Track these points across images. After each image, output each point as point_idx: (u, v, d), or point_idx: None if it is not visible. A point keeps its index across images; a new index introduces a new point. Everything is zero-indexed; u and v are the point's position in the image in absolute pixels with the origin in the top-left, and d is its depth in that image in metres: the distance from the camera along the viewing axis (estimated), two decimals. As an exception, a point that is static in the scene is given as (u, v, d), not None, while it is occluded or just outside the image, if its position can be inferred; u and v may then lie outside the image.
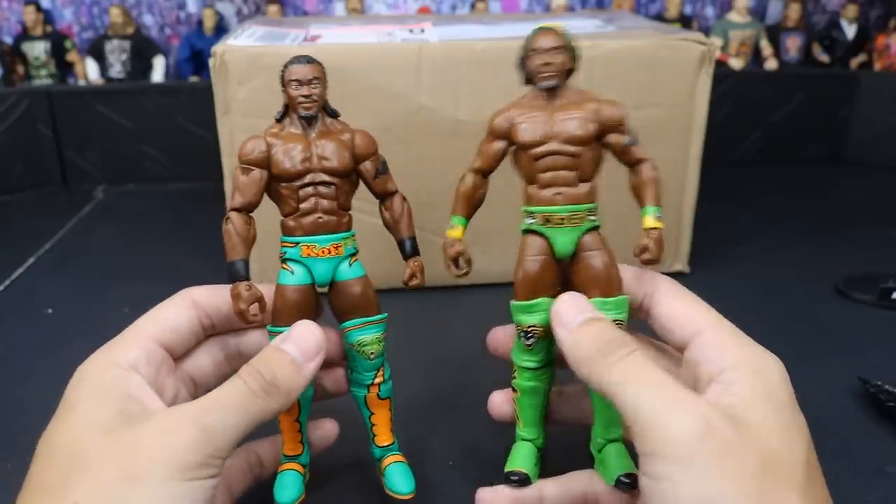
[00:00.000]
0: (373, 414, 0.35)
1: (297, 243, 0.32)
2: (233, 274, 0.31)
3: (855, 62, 1.07)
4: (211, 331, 0.34)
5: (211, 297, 0.33)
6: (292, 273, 0.32)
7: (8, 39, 1.04)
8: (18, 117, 0.85)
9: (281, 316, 0.32)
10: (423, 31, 0.60)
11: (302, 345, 0.30)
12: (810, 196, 0.84)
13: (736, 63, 1.05)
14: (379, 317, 0.33)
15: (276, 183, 0.32)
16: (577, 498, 0.32)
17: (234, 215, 0.32)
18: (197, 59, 1.05)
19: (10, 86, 0.99)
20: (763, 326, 0.54)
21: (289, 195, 0.32)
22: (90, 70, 1.04)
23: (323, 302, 0.34)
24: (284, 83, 0.33)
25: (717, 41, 1.05)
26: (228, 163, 0.55)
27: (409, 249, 0.34)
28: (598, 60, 0.54)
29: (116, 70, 1.04)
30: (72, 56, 1.04)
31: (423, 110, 0.54)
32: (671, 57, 0.55)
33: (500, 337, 0.36)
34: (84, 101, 0.87)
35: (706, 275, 0.62)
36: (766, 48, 1.07)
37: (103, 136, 0.87)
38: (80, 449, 0.25)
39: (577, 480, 0.33)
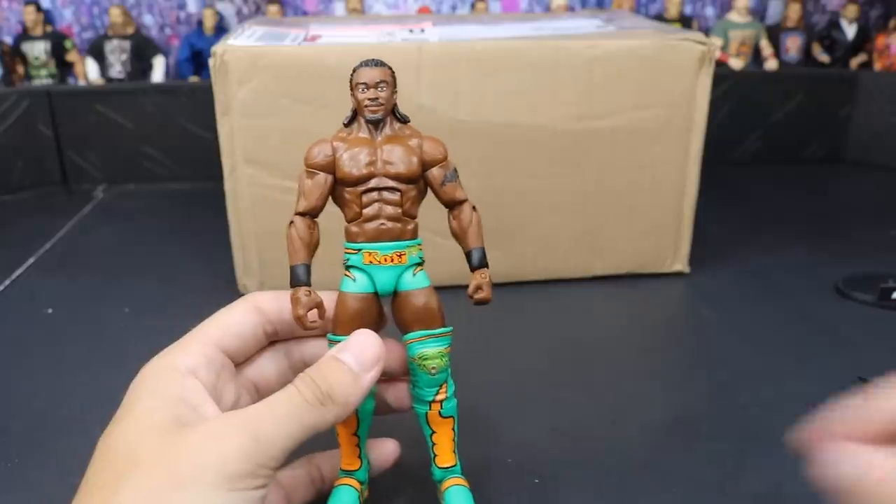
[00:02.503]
0: (434, 432, 0.33)
1: (360, 250, 0.31)
2: (293, 278, 0.31)
3: (855, 62, 1.07)
4: (274, 337, 0.34)
5: (275, 304, 0.33)
6: (354, 280, 0.32)
7: (8, 39, 1.04)
8: (18, 117, 0.85)
9: (341, 324, 0.31)
10: (423, 31, 0.60)
11: (360, 355, 0.29)
12: (810, 196, 0.84)
13: (736, 63, 1.05)
14: (442, 330, 0.32)
15: (341, 187, 0.32)
16: None
17: (297, 219, 0.32)
18: (197, 59, 1.05)
19: (10, 86, 0.99)
20: (763, 326, 0.55)
21: (352, 200, 0.31)
22: (90, 70, 1.04)
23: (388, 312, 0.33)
24: (352, 86, 0.32)
25: (717, 41, 1.05)
26: (228, 163, 0.55)
27: (476, 261, 0.32)
28: (598, 60, 0.54)
29: (116, 70, 1.04)
30: (72, 56, 1.04)
31: (423, 110, 0.54)
32: (671, 57, 0.55)
33: None
34: (84, 101, 0.87)
35: (706, 275, 0.62)
36: (766, 48, 1.07)
37: (103, 136, 0.87)
38: (133, 451, 0.26)
39: None
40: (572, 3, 1.10)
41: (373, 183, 0.31)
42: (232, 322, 0.32)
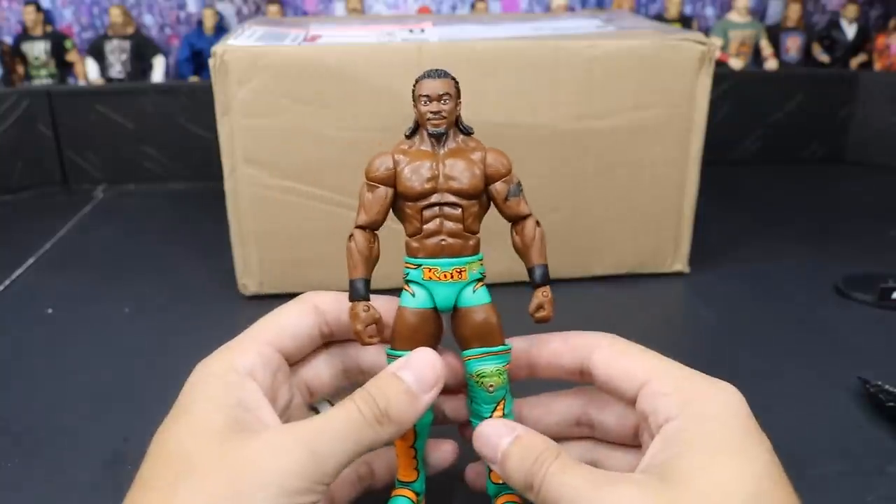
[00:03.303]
0: None
1: (419, 265, 0.31)
2: (352, 293, 0.31)
3: (855, 62, 1.07)
4: (330, 338, 0.33)
5: (333, 305, 0.32)
6: (413, 295, 0.31)
7: (8, 39, 1.04)
8: (18, 117, 0.85)
9: (400, 339, 0.31)
10: (423, 31, 0.60)
11: (420, 374, 0.29)
12: (810, 196, 0.84)
13: (736, 63, 1.05)
14: (501, 347, 0.31)
15: (402, 201, 0.31)
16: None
17: (357, 233, 0.31)
18: (197, 59, 1.05)
19: (10, 86, 0.99)
20: (763, 326, 0.55)
21: (413, 215, 0.31)
22: (90, 70, 1.04)
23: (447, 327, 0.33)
24: (414, 98, 0.31)
25: (717, 41, 1.05)
26: (228, 163, 0.55)
27: (539, 278, 0.31)
28: (598, 60, 0.54)
29: (116, 70, 1.04)
30: (72, 56, 1.04)
31: (423, 110, 0.53)
32: (671, 57, 0.55)
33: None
34: (84, 101, 0.87)
35: (706, 275, 0.62)
36: (766, 48, 1.07)
37: (103, 136, 0.87)
38: (190, 454, 0.26)
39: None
40: (572, 3, 1.10)
41: (434, 198, 0.31)
42: (289, 322, 0.32)
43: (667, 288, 0.60)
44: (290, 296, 0.33)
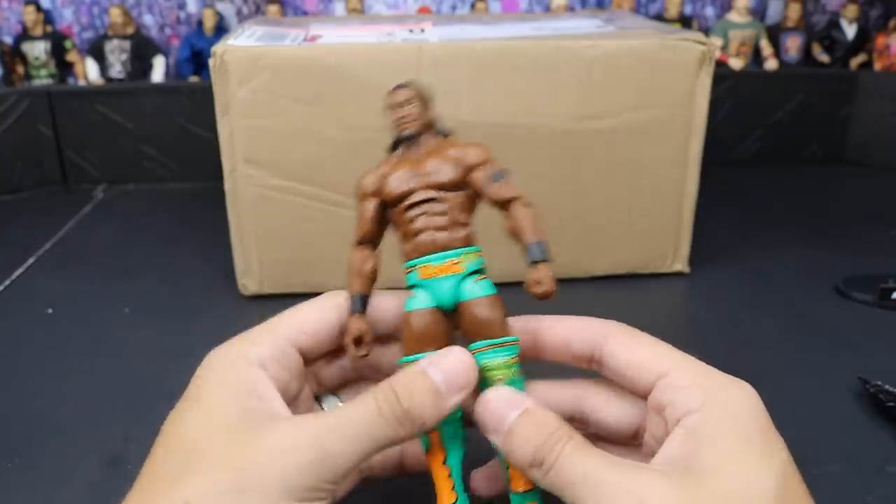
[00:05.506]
0: None
1: (414, 266, 0.31)
2: (350, 307, 0.31)
3: (855, 62, 1.07)
4: None
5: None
6: (415, 298, 0.31)
7: (8, 39, 1.04)
8: (18, 117, 0.85)
9: (408, 344, 0.31)
10: (423, 31, 0.60)
11: (450, 374, 0.28)
12: (810, 196, 0.84)
13: (736, 63, 1.05)
14: (508, 339, 0.30)
15: (390, 209, 0.31)
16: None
17: (351, 250, 0.32)
18: (197, 59, 1.05)
19: (10, 86, 0.99)
20: (763, 326, 0.55)
21: (400, 219, 0.31)
22: (90, 70, 1.04)
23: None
24: (386, 112, 0.32)
25: (717, 41, 1.05)
26: (228, 163, 0.55)
27: (537, 254, 0.29)
28: (598, 60, 0.54)
29: (116, 70, 1.04)
30: (72, 56, 1.04)
31: (423, 110, 0.53)
32: (671, 57, 0.55)
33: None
34: (84, 101, 0.87)
35: (706, 275, 0.62)
36: (766, 48, 1.07)
37: (103, 136, 0.87)
38: (198, 445, 0.25)
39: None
40: (572, 3, 1.10)
41: (415, 197, 0.31)
42: (309, 318, 0.31)
43: (667, 288, 0.60)
44: (290, 296, 0.33)
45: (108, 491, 0.26)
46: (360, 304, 0.31)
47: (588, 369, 0.32)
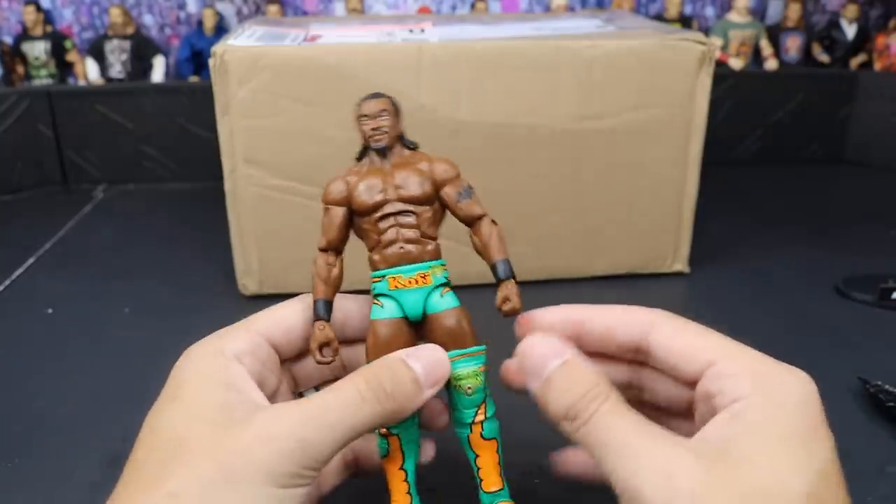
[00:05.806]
0: (478, 456, 0.32)
1: (384, 276, 0.31)
2: (314, 313, 0.31)
3: (855, 62, 1.07)
4: None
5: (335, 305, 0.32)
6: (382, 307, 0.31)
7: (8, 39, 1.04)
8: (18, 117, 0.85)
9: (375, 352, 0.31)
10: (423, 31, 0.60)
11: (428, 367, 0.29)
12: (810, 196, 0.84)
13: (736, 63, 1.05)
14: (476, 348, 0.31)
15: (359, 219, 0.32)
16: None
17: (318, 256, 0.32)
18: (197, 59, 1.05)
19: (10, 86, 0.99)
20: (763, 326, 0.54)
21: (370, 229, 0.32)
22: (90, 70, 1.04)
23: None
24: (357, 121, 0.33)
25: (717, 41, 1.05)
26: (228, 163, 0.55)
27: (502, 273, 0.31)
28: (598, 60, 0.54)
29: (116, 70, 1.04)
30: (72, 56, 1.04)
31: (423, 110, 0.54)
32: (671, 57, 0.55)
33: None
34: (84, 101, 0.87)
35: (706, 275, 0.62)
36: (766, 48, 1.07)
37: (103, 136, 0.87)
38: (181, 438, 0.26)
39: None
40: (572, 3, 1.10)
41: (387, 209, 0.31)
42: (284, 316, 0.32)
43: (667, 288, 0.60)
44: (291, 296, 0.33)
45: (108, 491, 0.26)
46: (324, 309, 0.32)
47: (635, 359, 0.31)
